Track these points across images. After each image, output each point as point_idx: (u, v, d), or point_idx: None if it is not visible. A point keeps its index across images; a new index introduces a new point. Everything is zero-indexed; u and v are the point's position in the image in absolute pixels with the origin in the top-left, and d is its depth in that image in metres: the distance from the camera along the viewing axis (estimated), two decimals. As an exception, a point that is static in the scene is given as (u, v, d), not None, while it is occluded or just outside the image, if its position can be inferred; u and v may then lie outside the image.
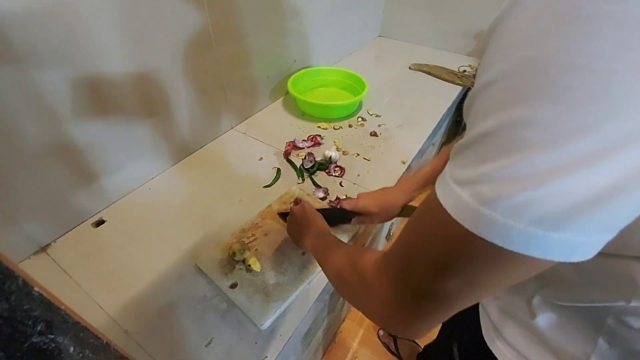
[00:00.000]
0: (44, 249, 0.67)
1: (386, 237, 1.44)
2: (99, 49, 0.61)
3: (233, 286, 0.61)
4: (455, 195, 0.22)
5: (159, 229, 0.72)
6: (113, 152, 0.72)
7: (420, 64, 1.39)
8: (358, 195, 0.69)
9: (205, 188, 0.82)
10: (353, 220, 0.69)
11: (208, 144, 0.96)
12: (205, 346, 0.55)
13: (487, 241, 0.20)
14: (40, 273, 0.63)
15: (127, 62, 0.67)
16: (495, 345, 0.48)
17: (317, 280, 0.64)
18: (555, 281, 0.37)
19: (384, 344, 1.32)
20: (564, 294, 0.37)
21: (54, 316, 0.16)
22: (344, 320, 1.38)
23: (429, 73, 1.35)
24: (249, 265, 0.63)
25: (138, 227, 0.72)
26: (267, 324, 0.57)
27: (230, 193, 0.81)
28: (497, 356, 0.48)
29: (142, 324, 0.57)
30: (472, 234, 0.20)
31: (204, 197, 0.80)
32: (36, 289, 0.15)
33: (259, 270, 0.63)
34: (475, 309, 0.54)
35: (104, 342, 0.19)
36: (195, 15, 0.75)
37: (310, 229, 0.57)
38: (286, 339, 0.57)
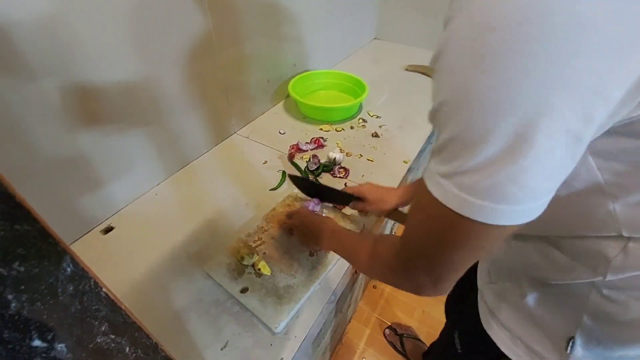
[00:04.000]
0: (53, 258, 0.67)
1: (388, 237, 1.45)
2: (102, 58, 0.61)
3: (244, 291, 0.61)
4: (441, 186, 0.28)
5: (167, 234, 0.72)
6: (119, 159, 0.72)
7: (416, 65, 1.40)
8: (365, 183, 0.76)
9: (211, 193, 0.82)
10: (351, 204, 0.74)
11: (212, 149, 0.96)
12: (221, 349, 0.55)
13: (469, 218, 0.27)
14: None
15: (131, 70, 0.67)
16: (490, 327, 0.52)
17: (327, 281, 0.65)
18: (543, 262, 0.41)
19: (390, 343, 1.32)
20: (551, 272, 0.41)
21: (116, 316, 0.17)
22: (349, 321, 1.38)
23: (425, 74, 1.36)
24: (259, 269, 0.63)
25: (146, 232, 0.72)
26: (281, 326, 0.57)
27: (236, 197, 0.81)
28: (492, 337, 0.52)
29: (156, 330, 0.56)
30: (458, 213, 0.27)
31: (211, 202, 0.80)
32: (104, 289, 0.15)
33: (269, 274, 0.63)
34: (474, 298, 0.57)
35: (154, 342, 0.20)
36: (198, 21, 0.76)
37: (322, 233, 0.61)
38: (300, 340, 0.57)
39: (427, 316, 1.40)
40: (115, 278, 0.64)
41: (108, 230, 0.72)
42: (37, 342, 0.13)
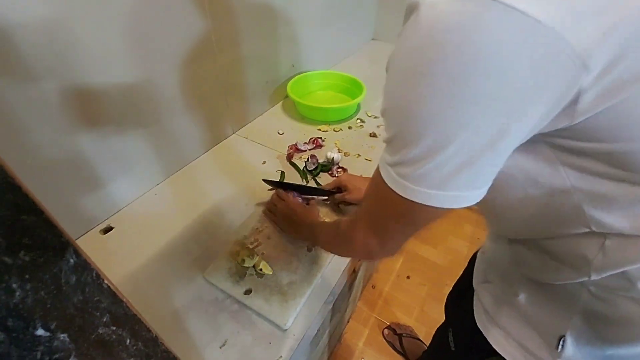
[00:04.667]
0: (52, 258, 0.67)
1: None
2: (102, 59, 0.62)
3: (247, 292, 0.61)
4: (388, 173, 0.34)
5: (166, 234, 0.72)
6: (119, 159, 0.72)
7: (414, 66, 1.41)
8: (342, 174, 0.83)
9: (211, 193, 0.83)
10: (331, 197, 0.78)
11: (211, 149, 0.96)
12: (220, 348, 0.55)
13: (407, 199, 0.32)
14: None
15: (130, 71, 0.67)
16: (484, 326, 0.54)
17: (325, 280, 0.65)
18: (535, 264, 0.43)
19: (389, 343, 1.32)
20: (543, 273, 0.43)
21: (117, 308, 0.17)
22: (348, 321, 1.38)
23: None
24: (260, 270, 0.64)
25: (146, 232, 0.73)
26: (289, 322, 0.58)
27: (235, 197, 0.82)
28: (486, 335, 0.53)
29: (156, 328, 0.57)
30: (399, 195, 0.33)
31: (210, 202, 0.80)
32: (106, 281, 0.16)
33: (270, 273, 0.64)
34: (470, 297, 0.59)
35: (154, 335, 0.20)
36: (197, 23, 0.76)
37: (299, 224, 0.68)
38: (299, 338, 0.57)
39: (425, 316, 1.40)
40: (114, 277, 0.64)
41: (108, 230, 0.72)
42: (40, 331, 0.14)
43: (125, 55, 0.65)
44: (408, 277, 1.54)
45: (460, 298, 0.67)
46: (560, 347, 0.42)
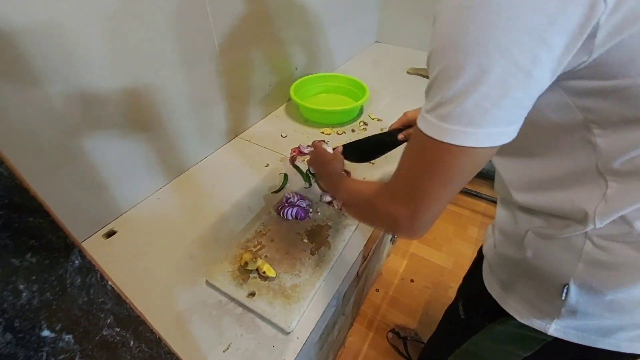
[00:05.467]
0: (57, 261, 0.67)
1: (391, 240, 1.45)
2: (105, 64, 0.62)
3: (251, 295, 0.61)
4: (425, 119, 0.35)
5: (169, 238, 0.73)
6: (121, 163, 0.73)
7: (417, 68, 1.41)
8: (404, 113, 0.81)
9: (214, 196, 0.83)
10: (399, 135, 0.78)
11: (215, 152, 0.97)
12: (224, 351, 0.55)
13: (445, 142, 0.34)
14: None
15: (133, 75, 0.68)
16: (491, 286, 0.57)
17: (329, 283, 0.65)
18: (538, 221, 0.46)
19: (394, 346, 1.31)
20: (547, 229, 0.45)
21: (121, 309, 0.17)
22: (352, 324, 1.38)
23: (426, 77, 1.37)
24: (264, 273, 0.63)
25: (149, 236, 0.73)
26: (293, 325, 0.58)
27: (238, 200, 0.82)
28: (492, 294, 0.56)
29: (159, 332, 0.57)
30: (437, 140, 0.34)
31: (213, 205, 0.80)
32: (110, 283, 0.16)
33: (274, 276, 0.64)
34: (479, 265, 0.62)
35: (157, 336, 0.20)
36: (200, 27, 0.77)
37: (327, 175, 0.71)
38: (303, 341, 0.57)
39: (430, 319, 1.39)
40: (117, 281, 0.64)
41: (110, 234, 0.73)
42: (46, 332, 0.14)
43: (127, 60, 0.66)
44: (412, 280, 1.54)
45: (470, 272, 0.70)
46: (564, 295, 0.45)
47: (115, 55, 0.63)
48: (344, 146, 0.81)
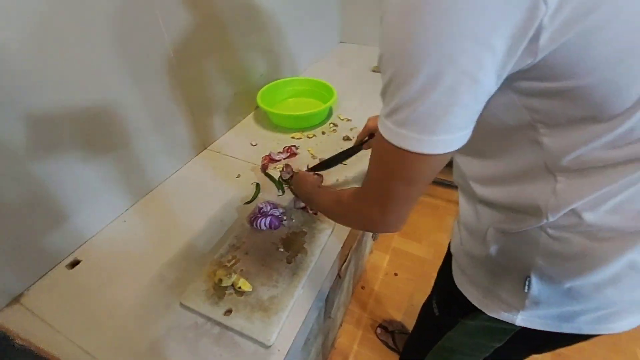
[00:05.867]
0: (16, 299, 0.63)
1: (372, 237, 1.46)
2: (58, 85, 0.59)
3: (228, 313, 0.59)
4: (383, 124, 0.37)
5: (139, 262, 0.70)
6: (81, 188, 0.69)
7: (383, 65, 1.43)
8: (368, 119, 0.83)
9: (184, 213, 0.81)
10: (364, 145, 0.84)
11: (182, 167, 0.94)
12: (203, 375, 0.54)
13: (402, 149, 0.35)
14: (16, 326, 0.59)
15: (88, 96, 0.65)
16: (462, 284, 0.59)
17: (308, 288, 0.64)
18: (496, 216, 0.48)
19: (383, 341, 1.33)
20: (505, 224, 0.47)
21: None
22: (341, 325, 1.38)
23: (392, 73, 1.38)
24: (239, 288, 0.62)
25: (117, 262, 0.70)
26: (273, 338, 0.56)
27: (210, 215, 0.80)
28: (463, 292, 0.58)
29: (133, 363, 0.55)
30: (395, 146, 0.36)
31: (184, 223, 0.78)
32: (18, 341, 0.14)
33: (250, 290, 0.62)
34: (449, 263, 0.64)
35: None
36: (153, 38, 0.74)
37: (305, 192, 0.74)
38: (284, 353, 0.56)
39: (415, 309, 1.38)
40: (85, 314, 0.61)
41: (75, 264, 0.69)
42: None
43: (80, 79, 0.63)
44: (396, 274, 1.55)
45: (442, 269, 0.72)
46: (527, 287, 0.47)
47: (66, 75, 0.60)
48: (312, 168, 0.89)
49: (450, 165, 0.51)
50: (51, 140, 0.62)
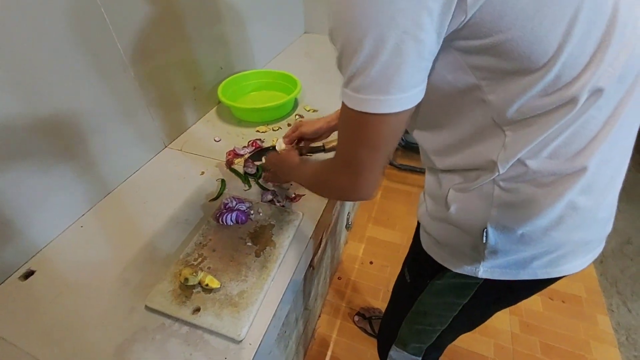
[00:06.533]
0: (-35, 316, 0.59)
1: (346, 227, 1.47)
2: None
3: (196, 312, 0.58)
4: (344, 94, 0.40)
5: (99, 268, 0.67)
6: (30, 194, 0.65)
7: (347, 55, 1.43)
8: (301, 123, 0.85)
9: (146, 214, 0.78)
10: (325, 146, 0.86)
11: (142, 167, 0.90)
12: (172, 375, 0.53)
13: (363, 112, 0.38)
14: (-36, 344, 0.55)
15: (33, 99, 0.61)
16: (429, 247, 0.62)
17: (278, 281, 0.64)
18: (454, 178, 0.51)
19: (361, 328, 1.35)
20: (462, 183, 0.50)
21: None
22: (319, 316, 1.39)
23: (356, 63, 1.39)
24: (207, 285, 0.61)
25: (74, 270, 0.66)
26: (243, 333, 0.56)
27: (174, 215, 0.77)
28: (431, 254, 0.61)
29: (97, 370, 0.53)
30: (357, 111, 0.39)
31: (146, 224, 0.75)
32: None
33: (218, 286, 0.61)
34: (418, 230, 0.67)
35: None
36: (100, 37, 0.71)
37: (287, 171, 0.73)
38: (255, 347, 0.56)
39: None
40: (41, 325, 0.58)
41: (28, 274, 0.65)
42: None
43: (24, 82, 0.59)
44: (371, 262, 1.58)
45: (412, 240, 0.74)
46: (485, 238, 0.50)
47: (7, 76, 0.56)
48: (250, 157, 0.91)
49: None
50: (-9, 146, 0.58)
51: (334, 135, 0.87)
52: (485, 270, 0.54)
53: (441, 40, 0.36)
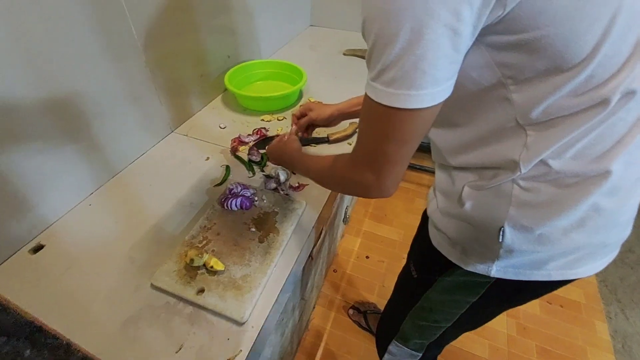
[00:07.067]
0: (-27, 287, 0.60)
1: (343, 220, 1.49)
2: (11, 70, 0.55)
3: (200, 292, 0.60)
4: (372, 87, 0.38)
5: (106, 245, 0.68)
6: (44, 172, 0.66)
7: (354, 49, 1.44)
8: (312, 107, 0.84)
9: (153, 195, 0.79)
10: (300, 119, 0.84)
11: (149, 151, 0.91)
12: (176, 352, 0.54)
13: (396, 108, 0.37)
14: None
15: (47, 80, 0.62)
16: (439, 243, 0.60)
17: (281, 267, 0.66)
18: (470, 175, 0.51)
19: (355, 321, 1.37)
20: (479, 181, 0.49)
21: (4, 317, 0.16)
22: (314, 308, 1.41)
23: (362, 57, 1.40)
24: (212, 267, 0.62)
25: (82, 246, 0.67)
26: (247, 315, 0.57)
27: (179, 198, 0.78)
28: (441, 251, 0.60)
29: (105, 344, 0.54)
30: (387, 106, 0.37)
31: (152, 206, 0.76)
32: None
33: (222, 269, 0.63)
34: (426, 226, 0.65)
35: (64, 342, 0.19)
36: (116, 21, 0.71)
37: (290, 160, 0.72)
38: (258, 330, 0.57)
39: (387, 290, 1.47)
40: (50, 297, 0.59)
41: (38, 249, 0.66)
42: None
43: (38, 62, 0.59)
44: (367, 257, 1.60)
45: (417, 235, 0.74)
46: (501, 237, 0.49)
47: (22, 56, 0.56)
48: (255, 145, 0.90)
49: (420, 150, 0.54)
50: (11, 129, 0.58)
51: (338, 127, 0.88)
52: (498, 270, 0.53)
53: (476, 33, 0.35)
